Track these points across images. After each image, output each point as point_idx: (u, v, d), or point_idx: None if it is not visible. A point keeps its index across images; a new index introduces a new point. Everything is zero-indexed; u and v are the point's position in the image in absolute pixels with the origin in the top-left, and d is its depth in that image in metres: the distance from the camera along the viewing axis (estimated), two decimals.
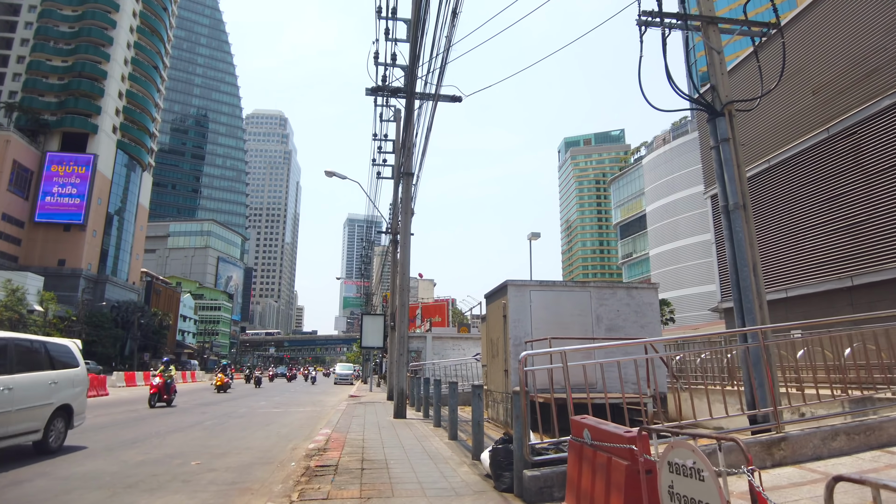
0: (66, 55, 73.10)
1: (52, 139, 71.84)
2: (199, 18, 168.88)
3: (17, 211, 66.64)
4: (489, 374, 12.36)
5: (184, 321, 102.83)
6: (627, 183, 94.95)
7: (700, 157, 65.38)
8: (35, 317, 52.25)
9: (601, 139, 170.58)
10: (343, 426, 11.08)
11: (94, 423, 12.12)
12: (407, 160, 13.74)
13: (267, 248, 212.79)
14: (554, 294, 10.98)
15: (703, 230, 67.66)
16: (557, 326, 10.71)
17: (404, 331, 12.93)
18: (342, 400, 21.90)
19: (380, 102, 21.49)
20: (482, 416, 7.07)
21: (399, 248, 13.46)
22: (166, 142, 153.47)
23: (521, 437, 5.09)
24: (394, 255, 20.62)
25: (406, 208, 13.56)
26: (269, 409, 17.18)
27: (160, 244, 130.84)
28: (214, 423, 12.64)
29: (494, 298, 11.91)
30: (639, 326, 11.16)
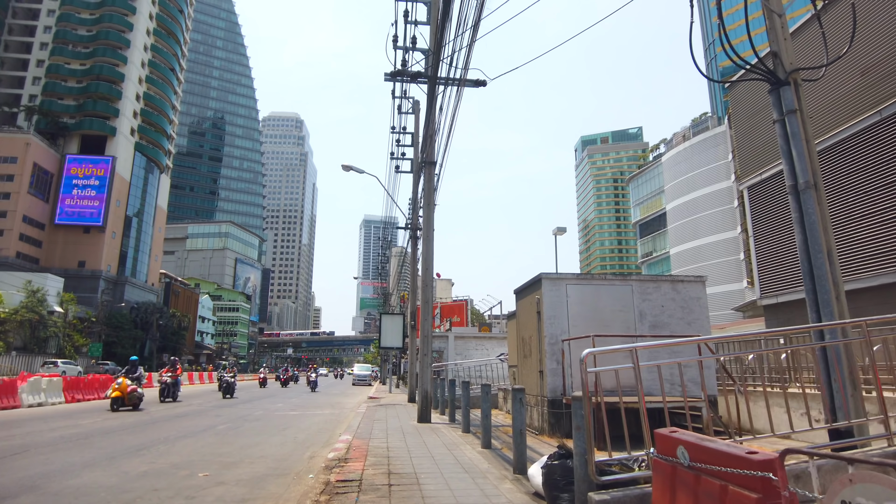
0: (84, 58, 73.61)
1: (71, 142, 72.36)
2: (216, 21, 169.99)
3: (38, 213, 67.15)
4: (520, 376, 11.48)
5: (202, 322, 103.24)
6: (646, 181, 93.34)
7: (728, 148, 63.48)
8: (55, 318, 52.39)
9: (618, 137, 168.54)
10: (364, 432, 10.28)
11: (102, 428, 11.50)
12: (429, 148, 12.92)
13: (284, 250, 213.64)
14: (592, 288, 10.08)
15: (725, 228, 66.04)
16: (597, 323, 9.80)
17: (428, 329, 12.11)
18: (361, 402, 21.15)
19: (398, 94, 20.75)
20: (524, 424, 6.21)
21: (422, 241, 12.63)
22: (184, 144, 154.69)
23: (585, 452, 4.22)
24: (413, 251, 19.82)
25: (429, 199, 12.74)
26: (285, 413, 16.47)
27: (179, 246, 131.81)
28: (228, 428, 11.92)
29: (526, 294, 11.03)
30: (685, 323, 10.22)
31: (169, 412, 15.23)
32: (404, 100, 21.01)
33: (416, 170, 21.24)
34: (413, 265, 19.72)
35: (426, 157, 13.03)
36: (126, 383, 15.89)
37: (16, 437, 9.84)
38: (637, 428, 4.86)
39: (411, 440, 9.10)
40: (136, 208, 78.01)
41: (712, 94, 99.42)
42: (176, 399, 19.64)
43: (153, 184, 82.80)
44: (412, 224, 20.21)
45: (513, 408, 6.26)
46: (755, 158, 19.48)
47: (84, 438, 9.74)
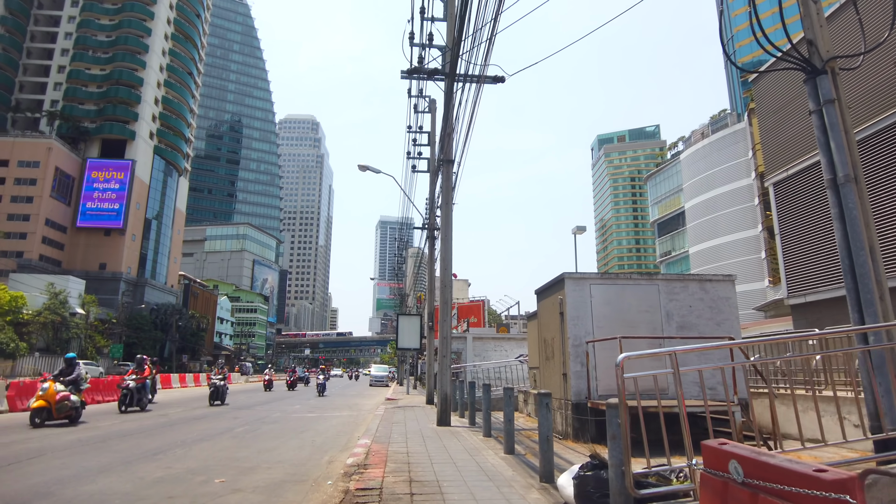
0: (104, 63, 74.64)
1: (92, 146, 73.42)
2: (232, 26, 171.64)
3: (60, 216, 68.19)
4: (542, 378, 11.18)
5: (221, 323, 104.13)
6: (664, 179, 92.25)
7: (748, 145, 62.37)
8: (77, 319, 53.09)
9: (636, 136, 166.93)
10: (383, 435, 10.07)
11: (121, 430, 11.44)
12: (447, 146, 12.68)
13: (301, 251, 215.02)
14: (617, 288, 9.76)
15: (745, 226, 65.00)
16: (622, 324, 9.48)
17: (447, 330, 11.86)
18: (379, 403, 20.98)
19: (414, 93, 20.57)
20: (551, 430, 5.94)
21: (440, 241, 12.39)
22: (202, 147, 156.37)
23: (622, 462, 3.95)
24: (431, 252, 19.61)
25: (447, 198, 12.50)
26: (303, 414, 16.34)
27: (198, 248, 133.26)
28: (245, 431, 11.79)
29: (548, 294, 10.74)
30: (714, 324, 9.85)
31: (112, 427, 11.85)
32: (420, 99, 20.83)
33: (432, 169, 21.01)
34: (430, 265, 19.50)
35: (444, 155, 12.80)
36: (55, 389, 12.05)
37: (34, 439, 9.80)
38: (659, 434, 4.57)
39: (431, 445, 8.87)
40: (156, 211, 78.91)
41: (731, 91, 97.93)
42: (144, 409, 16.45)
43: (172, 187, 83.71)
44: (429, 224, 19.99)
45: (539, 413, 5.99)
46: (781, 154, 18.94)
47: (101, 442, 9.66)
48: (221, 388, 19.14)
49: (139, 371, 16.66)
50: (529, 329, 14.64)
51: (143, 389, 16.56)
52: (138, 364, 17.00)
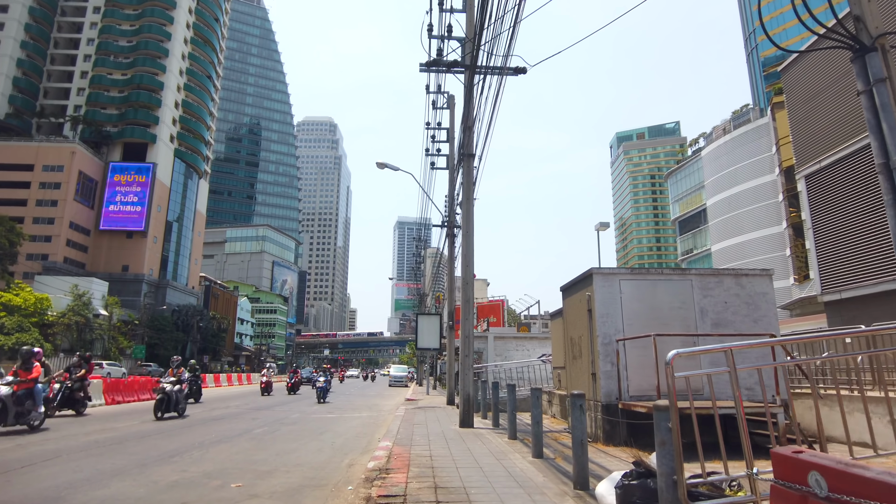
0: (125, 68, 75.64)
1: (114, 150, 74.43)
2: (250, 30, 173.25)
3: (84, 220, 69.21)
4: (568, 378, 10.77)
5: (241, 324, 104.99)
6: (685, 176, 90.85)
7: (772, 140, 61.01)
8: (100, 321, 53.76)
9: (655, 132, 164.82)
10: (405, 437, 9.75)
11: (137, 432, 11.27)
12: (468, 140, 12.34)
13: (320, 252, 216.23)
14: (648, 284, 9.31)
15: (769, 223, 63.71)
16: (654, 322, 9.04)
17: (469, 329, 11.50)
18: (399, 404, 20.70)
19: (432, 89, 20.26)
20: (585, 433, 5.55)
21: (461, 237, 12.04)
22: (222, 150, 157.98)
23: (673, 471, 3.56)
24: (450, 249, 19.25)
25: (468, 193, 12.15)
26: (322, 415, 16.11)
27: (218, 250, 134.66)
28: (264, 432, 11.56)
29: (574, 291, 10.32)
30: (751, 321, 9.36)
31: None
32: (439, 95, 20.50)
33: (451, 166, 20.68)
34: (450, 263, 19.16)
35: (465, 149, 12.45)
36: None
37: (50, 440, 9.65)
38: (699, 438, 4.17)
39: (455, 447, 8.52)
40: (177, 213, 79.76)
41: (754, 85, 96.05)
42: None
43: (192, 189, 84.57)
44: (448, 221, 19.65)
45: (572, 415, 5.61)
46: (813, 145, 18.26)
47: (117, 443, 9.48)
48: (174, 396, 15.02)
49: (74, 372, 14.23)
50: (553, 328, 14.22)
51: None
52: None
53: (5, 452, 8.35)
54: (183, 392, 14.78)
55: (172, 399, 14.03)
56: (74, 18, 79.95)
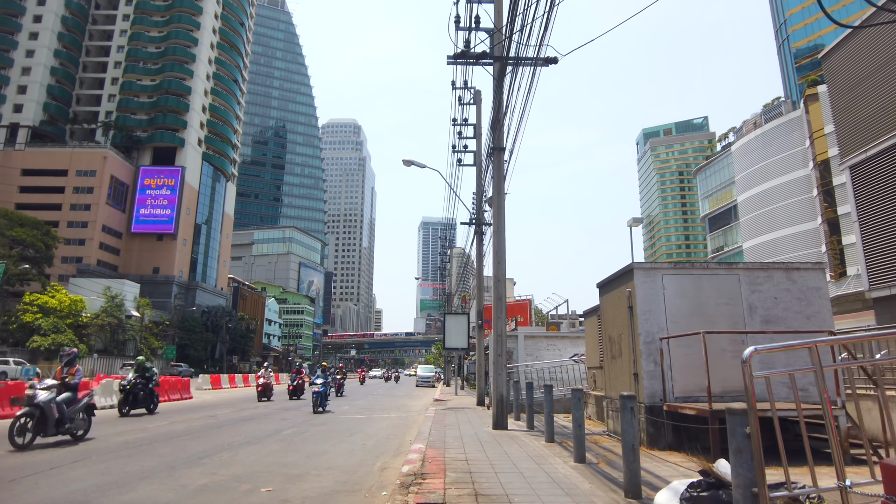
0: (154, 74, 77.04)
1: (144, 154, 75.86)
2: (275, 34, 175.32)
3: (116, 223, 70.67)
4: (607, 379, 10.33)
5: (269, 325, 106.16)
6: (715, 172, 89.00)
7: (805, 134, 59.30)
8: (132, 322, 54.75)
9: (683, 128, 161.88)
10: (437, 439, 9.44)
11: (168, 432, 11.19)
12: (498, 133, 11.98)
13: (345, 254, 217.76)
14: (693, 279, 8.83)
15: (803, 219, 61.94)
16: (699, 318, 8.56)
17: (502, 328, 11.14)
18: (428, 405, 20.43)
19: (458, 84, 19.93)
20: (637, 438, 5.16)
21: (492, 233, 11.69)
22: (248, 154, 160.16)
23: (752, 483, 3.16)
24: (479, 247, 18.90)
25: (499, 188, 11.80)
26: (351, 416, 15.90)
27: (246, 252, 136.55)
28: (294, 433, 11.37)
29: (613, 287, 9.88)
30: (804, 318, 8.81)
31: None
32: (465, 90, 20.16)
33: (479, 162, 20.33)
34: (479, 261, 18.80)
35: (494, 143, 12.10)
36: None
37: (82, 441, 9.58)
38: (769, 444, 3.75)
39: (491, 451, 8.17)
40: (205, 216, 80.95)
41: (785, 78, 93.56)
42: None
43: (220, 192, 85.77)
44: (476, 218, 19.30)
45: (622, 418, 5.21)
46: (858, 134, 17.42)
47: (147, 444, 9.36)
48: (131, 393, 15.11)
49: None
50: (587, 326, 13.77)
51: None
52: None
53: (35, 453, 8.28)
54: (78, 404, 9.89)
55: (49, 416, 9.05)
56: (105, 27, 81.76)
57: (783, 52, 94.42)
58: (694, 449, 7.98)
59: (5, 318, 43.47)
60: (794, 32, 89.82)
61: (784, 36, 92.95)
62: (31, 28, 73.21)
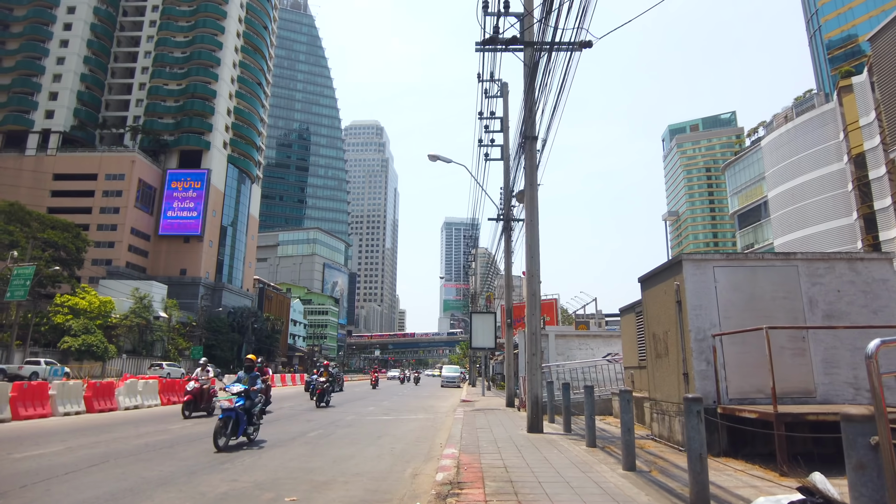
0: (179, 79, 78.04)
1: (171, 157, 76.88)
2: (298, 37, 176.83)
3: (144, 225, 71.68)
4: (652, 379, 9.67)
5: (294, 325, 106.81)
6: (744, 168, 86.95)
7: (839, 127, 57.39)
8: (160, 323, 55.34)
9: (709, 124, 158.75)
10: (470, 443, 8.90)
11: (189, 434, 10.84)
12: (530, 122, 11.40)
13: (369, 254, 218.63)
14: (746, 271, 8.13)
15: (837, 214, 59.98)
16: (754, 314, 7.88)
17: (536, 325, 10.55)
18: (455, 405, 19.91)
19: (484, 77, 19.39)
20: (704, 446, 4.56)
21: (525, 226, 11.12)
22: (273, 156, 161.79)
23: None
24: (507, 243, 18.32)
25: (531, 179, 11.22)
26: (377, 417, 15.46)
27: (271, 253, 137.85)
28: (319, 435, 10.94)
29: (657, 281, 9.22)
30: (870, 312, 8.05)
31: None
32: (492, 83, 19.62)
33: (506, 155, 19.77)
34: (507, 258, 18.22)
35: (526, 132, 11.52)
36: None
37: (101, 443, 9.27)
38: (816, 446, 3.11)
39: (530, 456, 7.60)
40: (231, 218, 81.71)
41: (817, 69, 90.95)
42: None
43: (245, 194, 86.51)
44: (504, 214, 18.72)
45: (687, 424, 4.62)
46: None
47: (168, 447, 9.00)
48: None
49: None
50: (624, 324, 13.09)
51: None
52: None
53: (50, 456, 7.98)
54: None
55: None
56: (132, 33, 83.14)
57: (814, 43, 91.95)
58: (752, 456, 7.32)
59: (37, 319, 44.19)
60: (827, 22, 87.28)
61: (816, 27, 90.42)
62: (62, 36, 74.77)
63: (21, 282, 32.66)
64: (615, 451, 7.96)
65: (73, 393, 13.21)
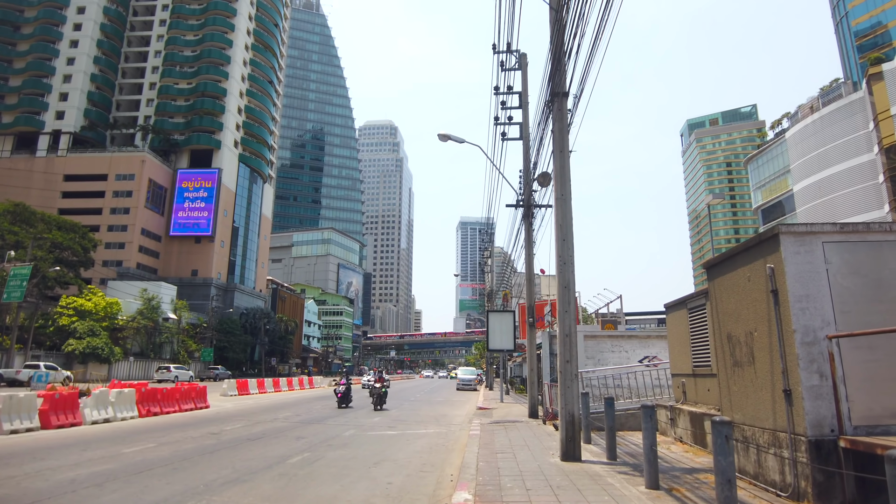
0: (190, 77, 76.94)
1: (181, 157, 75.80)
2: (310, 37, 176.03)
3: (155, 226, 70.62)
4: (727, 395, 7.47)
5: (308, 326, 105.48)
6: (768, 161, 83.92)
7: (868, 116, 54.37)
8: (169, 324, 53.99)
9: (729, 117, 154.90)
10: (489, 479, 6.82)
11: (140, 461, 8.74)
12: (558, 74, 9.29)
13: (384, 255, 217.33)
14: (869, 248, 5.92)
15: (867, 207, 57.20)
16: (883, 306, 5.68)
17: (570, 325, 8.41)
18: (471, 415, 17.82)
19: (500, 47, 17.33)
20: None
21: (555, 203, 9.00)
22: (287, 157, 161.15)
23: None
24: (528, 232, 16.20)
25: (561, 144, 9.10)
26: (381, 432, 13.40)
27: (285, 254, 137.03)
28: (303, 461, 8.91)
29: (737, 264, 7.03)
30: None
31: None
32: (508, 54, 17.53)
33: (525, 134, 17.65)
34: (528, 247, 16.09)
35: (553, 87, 9.40)
36: None
37: (20, 478, 7.28)
38: None
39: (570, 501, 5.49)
40: (243, 218, 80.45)
41: (844, 58, 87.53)
42: None
43: (257, 193, 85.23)
44: (525, 200, 16.59)
45: None
46: None
47: (108, 480, 6.99)
48: None
49: None
50: (672, 323, 10.91)
51: None
52: None
53: None
54: None
55: None
56: (143, 32, 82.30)
57: (841, 30, 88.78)
58: None
59: (41, 321, 42.99)
60: (854, 9, 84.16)
61: (842, 13, 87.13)
62: (72, 36, 74.05)
63: (18, 282, 31.25)
64: (687, 497, 5.81)
65: (22, 407, 11.27)
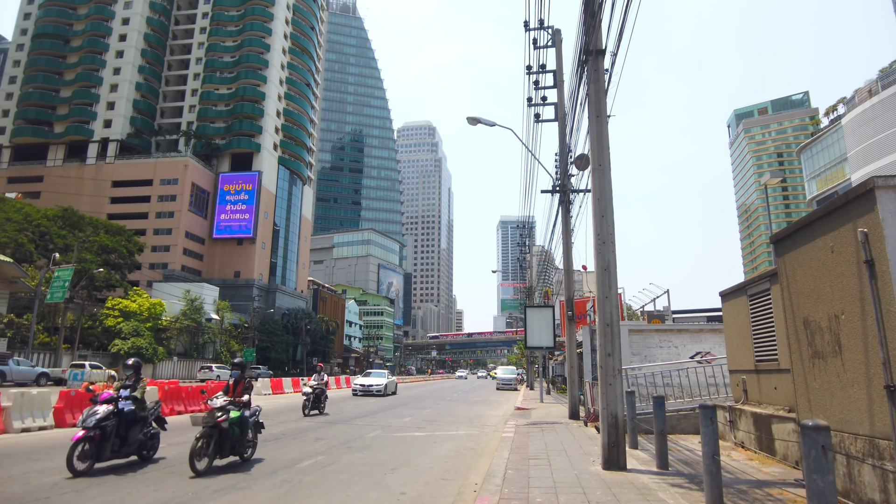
0: (229, 83, 78.27)
1: (223, 161, 77.18)
2: (347, 40, 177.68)
3: (198, 229, 72.04)
4: (805, 392, 6.24)
5: (350, 326, 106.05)
6: (823, 149, 79.62)
7: None
8: (212, 325, 54.74)
9: (779, 106, 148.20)
10: (517, 490, 5.82)
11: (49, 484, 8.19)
12: (594, 30, 8.21)
13: (424, 255, 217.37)
14: None
15: None
16: None
17: (612, 314, 7.31)
18: (507, 415, 16.78)
19: (533, 25, 16.24)
20: None
21: (591, 174, 7.93)
22: (328, 160, 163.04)
23: None
24: (565, 219, 15.06)
25: (598, 108, 8.02)
26: (408, 434, 12.52)
27: (327, 255, 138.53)
28: (313, 465, 8.10)
29: (816, 233, 5.81)
30: None
31: None
32: (541, 31, 16.42)
33: (561, 115, 16.51)
34: (566, 235, 14.94)
35: (588, 44, 8.31)
36: None
37: (2, 480, 6.70)
38: None
39: None
40: (283, 219, 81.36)
41: None
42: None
43: (297, 195, 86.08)
44: (561, 184, 15.45)
45: None
46: None
47: (91, 486, 6.33)
48: None
49: None
50: (729, 313, 9.64)
51: None
52: None
53: None
54: None
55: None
56: (184, 41, 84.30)
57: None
58: None
59: (89, 322, 44.06)
60: None
61: None
62: (117, 47, 76.39)
63: (60, 284, 31.92)
64: None
65: (35, 404, 10.62)
